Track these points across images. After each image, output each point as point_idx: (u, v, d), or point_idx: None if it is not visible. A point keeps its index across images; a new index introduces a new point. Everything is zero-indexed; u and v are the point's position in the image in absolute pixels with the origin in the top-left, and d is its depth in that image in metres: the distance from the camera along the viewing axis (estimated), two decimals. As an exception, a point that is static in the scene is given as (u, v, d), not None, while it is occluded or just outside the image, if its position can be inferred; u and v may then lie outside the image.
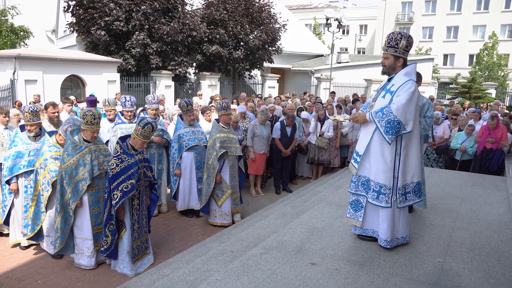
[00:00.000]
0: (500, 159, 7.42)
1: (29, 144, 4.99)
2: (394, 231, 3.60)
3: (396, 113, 3.29)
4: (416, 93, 3.39)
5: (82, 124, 4.38)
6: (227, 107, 5.88)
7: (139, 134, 4.23)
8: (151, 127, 4.25)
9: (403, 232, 3.69)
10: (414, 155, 3.52)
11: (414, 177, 3.55)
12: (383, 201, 3.47)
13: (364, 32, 44.15)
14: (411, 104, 3.34)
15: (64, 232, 4.41)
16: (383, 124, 3.34)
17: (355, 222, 3.76)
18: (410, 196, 3.57)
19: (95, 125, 4.40)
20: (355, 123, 3.61)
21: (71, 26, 16.07)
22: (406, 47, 3.46)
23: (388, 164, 3.44)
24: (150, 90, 16.38)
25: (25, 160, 4.92)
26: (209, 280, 3.15)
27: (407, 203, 3.57)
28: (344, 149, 8.99)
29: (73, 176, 4.32)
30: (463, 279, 3.18)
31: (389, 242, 3.59)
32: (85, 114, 4.32)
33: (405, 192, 3.53)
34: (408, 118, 3.32)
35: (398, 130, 3.32)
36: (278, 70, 22.71)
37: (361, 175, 3.64)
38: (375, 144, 3.49)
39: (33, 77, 12.24)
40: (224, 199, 5.81)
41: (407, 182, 3.53)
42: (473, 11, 35.69)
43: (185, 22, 15.76)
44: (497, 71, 30.10)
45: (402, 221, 3.63)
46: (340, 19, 18.99)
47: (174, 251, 4.98)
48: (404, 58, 3.51)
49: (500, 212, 4.90)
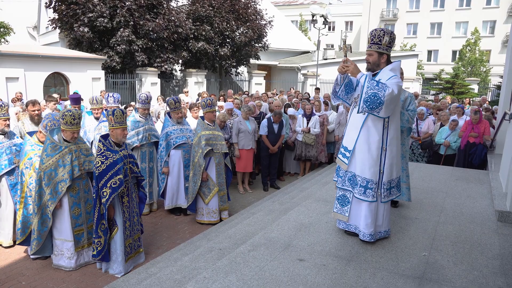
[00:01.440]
0: (483, 153, 7.57)
1: (1, 143, 4.81)
2: (377, 225, 3.68)
3: (386, 95, 3.26)
4: (400, 82, 3.46)
5: (61, 125, 4.28)
6: (211, 104, 5.85)
7: (114, 124, 4.20)
8: (120, 111, 4.26)
9: (386, 226, 3.78)
10: (398, 149, 3.63)
11: (397, 172, 3.67)
12: (369, 195, 3.52)
13: (350, 29, 44.42)
14: (397, 98, 3.41)
15: (41, 235, 4.32)
16: (369, 93, 3.29)
17: (341, 217, 3.80)
18: (394, 191, 3.67)
19: (75, 126, 4.30)
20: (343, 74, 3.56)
21: (53, 22, 15.73)
22: (389, 43, 3.52)
23: (374, 159, 3.49)
24: (136, 88, 16.19)
25: (4, 159, 4.78)
26: (197, 278, 3.14)
27: (391, 197, 3.66)
28: (331, 145, 9.05)
29: (52, 177, 4.22)
30: (447, 272, 3.25)
31: (373, 236, 3.66)
32: (64, 115, 4.22)
33: (390, 187, 3.60)
34: (389, 106, 3.35)
35: (374, 108, 3.30)
36: (264, 67, 22.71)
37: (347, 170, 3.68)
38: (362, 139, 3.53)
39: (14, 75, 11.96)
40: (211, 196, 5.79)
41: (392, 178, 3.61)
42: (456, 8, 36.27)
43: (170, 19, 15.61)
44: (479, 67, 30.69)
45: (385, 215, 3.71)
46: (326, 16, 19.07)
47: (161, 249, 4.95)
48: (388, 54, 3.56)
49: (483, 206, 5.01)
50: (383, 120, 3.48)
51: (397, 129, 3.60)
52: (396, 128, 3.58)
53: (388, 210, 3.75)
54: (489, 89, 23.09)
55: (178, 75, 19.11)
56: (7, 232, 4.96)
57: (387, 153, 3.51)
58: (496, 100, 16.75)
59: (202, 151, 5.65)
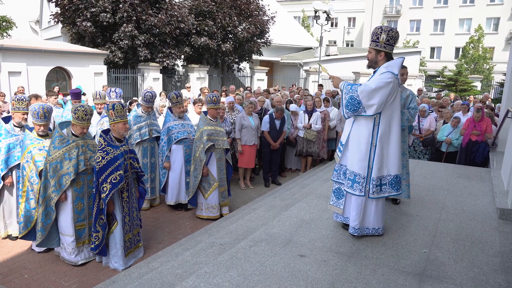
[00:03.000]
0: (485, 151, 7.55)
1: (17, 135, 4.91)
2: (363, 221, 3.69)
3: (359, 93, 3.43)
4: (391, 84, 3.40)
5: (72, 119, 4.33)
6: (216, 101, 5.85)
7: (115, 118, 4.21)
8: (120, 105, 4.29)
9: (375, 224, 3.74)
10: (393, 148, 3.55)
11: (391, 169, 3.58)
12: (357, 189, 3.56)
13: (353, 25, 44.23)
14: (380, 91, 3.38)
15: (45, 227, 4.34)
16: (347, 97, 3.52)
17: (337, 210, 3.87)
18: (386, 188, 3.61)
19: (86, 121, 4.36)
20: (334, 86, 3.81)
21: (55, 17, 15.72)
22: (387, 40, 3.52)
23: (363, 153, 3.53)
24: (138, 83, 16.18)
25: (18, 151, 4.85)
26: (198, 273, 3.15)
27: (382, 194, 3.61)
28: (332, 142, 9.04)
29: (57, 170, 4.25)
30: (448, 268, 3.25)
31: (357, 230, 3.69)
32: (77, 110, 4.26)
33: (380, 183, 3.58)
34: (372, 102, 3.40)
35: (356, 109, 3.48)
36: (267, 63, 22.65)
37: (342, 164, 3.76)
38: (353, 134, 3.62)
39: (17, 69, 11.97)
40: (211, 191, 5.80)
41: (383, 174, 3.57)
42: (460, 4, 36.05)
43: (173, 14, 15.57)
44: (483, 64, 30.55)
45: (375, 212, 3.68)
46: (329, 12, 18.99)
47: (163, 244, 4.97)
48: (386, 51, 3.55)
49: (484, 203, 5.00)
50: (374, 117, 3.50)
51: (390, 126, 3.52)
52: (389, 125, 3.51)
53: (380, 207, 3.70)
54: (492, 86, 23.00)
55: (180, 71, 19.08)
56: (16, 223, 4.98)
57: (377, 149, 3.51)
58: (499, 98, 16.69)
59: (204, 146, 5.66)
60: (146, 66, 16.02)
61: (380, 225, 3.79)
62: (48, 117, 4.66)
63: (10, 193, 5.00)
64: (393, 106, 3.53)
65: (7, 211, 5.03)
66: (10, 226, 5.07)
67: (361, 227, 3.69)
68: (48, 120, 4.67)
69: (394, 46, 3.60)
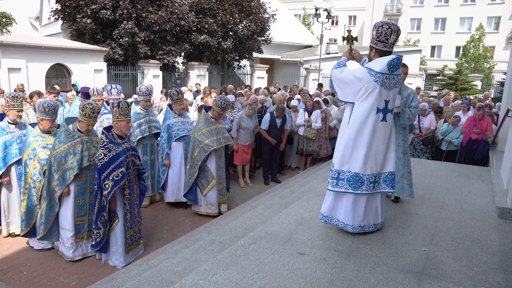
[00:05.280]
0: (485, 150, 7.55)
1: (13, 132, 4.90)
2: (332, 211, 3.71)
3: (333, 74, 3.61)
4: (356, 72, 3.42)
5: (79, 115, 4.35)
6: (221, 107, 5.80)
7: (119, 116, 4.21)
8: (126, 103, 4.28)
9: (370, 220, 3.71)
10: (362, 147, 3.47)
11: (353, 167, 3.51)
12: (342, 187, 3.55)
13: (353, 23, 44.15)
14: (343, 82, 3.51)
15: (48, 219, 4.36)
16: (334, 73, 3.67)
17: None
18: (379, 186, 3.59)
19: (92, 119, 4.39)
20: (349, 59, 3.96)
21: (55, 13, 15.68)
22: (377, 37, 3.49)
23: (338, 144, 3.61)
24: (138, 80, 16.16)
25: (15, 148, 4.85)
26: (198, 271, 3.15)
27: (374, 191, 3.58)
28: (333, 140, 9.02)
29: (61, 164, 4.27)
30: (447, 267, 3.25)
31: (324, 217, 3.76)
32: (85, 107, 4.28)
33: (338, 177, 3.56)
34: (336, 83, 3.57)
35: (331, 86, 3.68)
36: (267, 61, 22.62)
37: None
38: (341, 131, 3.67)
39: (16, 66, 11.96)
40: (209, 188, 5.79)
41: (342, 169, 3.54)
42: (461, 3, 36.00)
43: (173, 11, 15.53)
44: (483, 63, 30.52)
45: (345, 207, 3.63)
46: (329, 10, 18.94)
47: (162, 241, 4.97)
48: (376, 48, 3.52)
49: (484, 202, 5.00)
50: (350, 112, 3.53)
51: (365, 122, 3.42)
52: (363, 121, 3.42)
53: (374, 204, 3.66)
54: (492, 85, 22.99)
55: (180, 68, 19.06)
56: (18, 221, 4.98)
57: (346, 144, 3.50)
58: (499, 97, 16.68)
59: (204, 149, 5.65)
60: (146, 63, 16.00)
61: (372, 221, 3.72)
62: (56, 112, 4.68)
63: (10, 192, 4.98)
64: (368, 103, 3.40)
65: (7, 210, 5.02)
66: (12, 224, 5.06)
67: (353, 224, 3.64)
68: (55, 116, 4.70)
69: (387, 42, 3.45)
